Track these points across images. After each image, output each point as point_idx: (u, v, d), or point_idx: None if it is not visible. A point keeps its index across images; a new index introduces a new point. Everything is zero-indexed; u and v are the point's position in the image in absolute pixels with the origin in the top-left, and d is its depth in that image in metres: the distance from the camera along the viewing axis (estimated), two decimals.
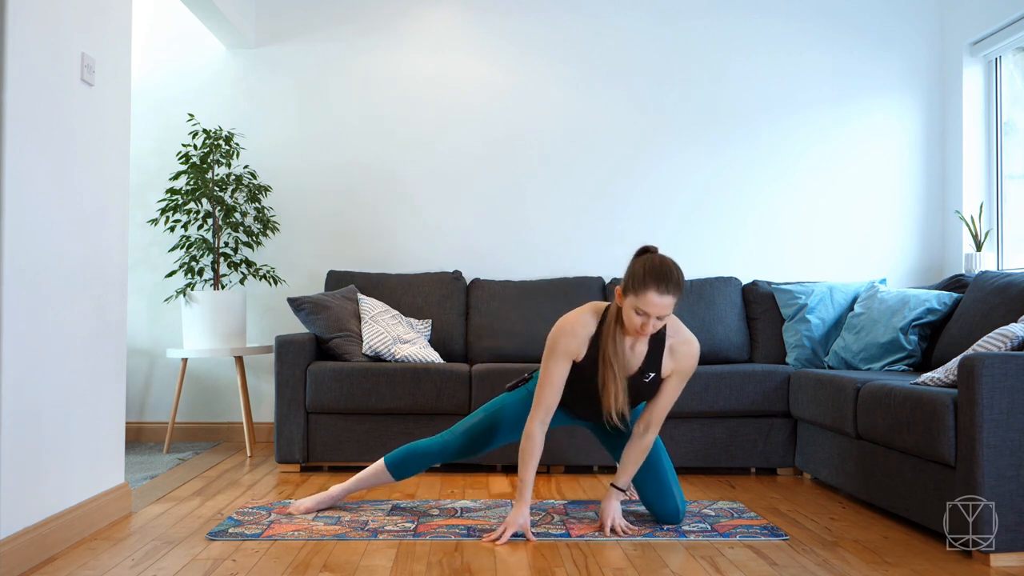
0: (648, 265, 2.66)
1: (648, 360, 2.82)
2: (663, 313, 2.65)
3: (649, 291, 2.62)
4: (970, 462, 2.58)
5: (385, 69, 4.86)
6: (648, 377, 2.83)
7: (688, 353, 2.83)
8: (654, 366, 2.82)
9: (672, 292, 2.64)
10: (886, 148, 4.87)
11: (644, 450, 2.92)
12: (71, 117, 2.73)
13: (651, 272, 2.64)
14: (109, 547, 2.69)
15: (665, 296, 2.63)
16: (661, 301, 2.62)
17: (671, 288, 2.63)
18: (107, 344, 3.00)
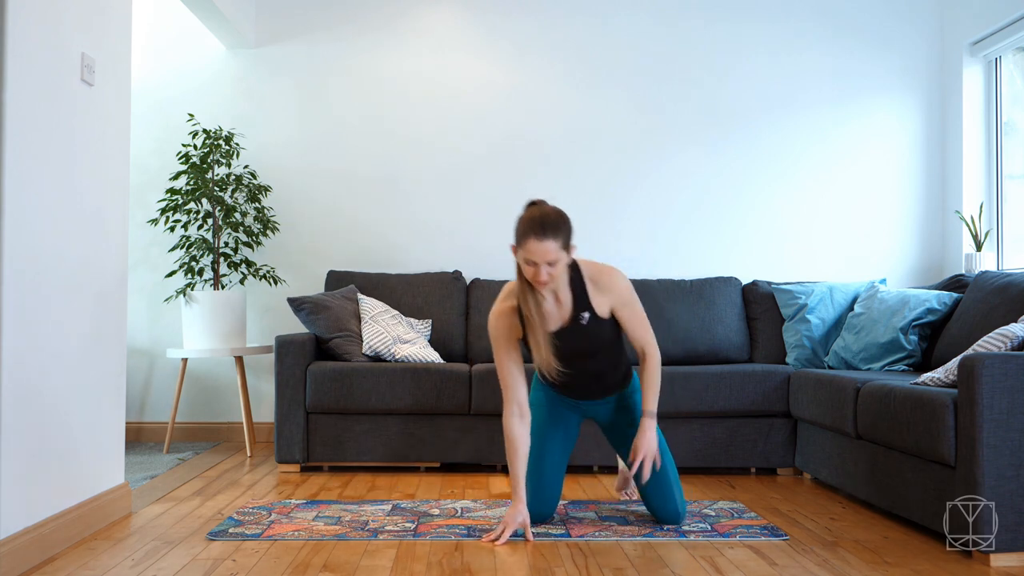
0: (526, 217, 2.74)
1: (576, 304, 2.87)
2: (548, 258, 2.69)
3: (529, 240, 2.70)
4: (970, 462, 2.58)
5: (385, 69, 4.86)
6: (583, 319, 2.86)
7: (611, 281, 2.89)
8: (584, 306, 2.87)
9: (549, 236, 2.69)
10: (886, 148, 4.87)
11: (653, 371, 2.95)
12: (71, 117, 2.74)
13: (528, 223, 2.72)
14: (109, 547, 2.69)
15: (544, 241, 2.68)
16: (541, 246, 2.68)
17: (547, 233, 2.69)
18: (107, 344, 3.00)
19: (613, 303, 2.91)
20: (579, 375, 2.96)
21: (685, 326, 4.36)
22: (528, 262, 2.73)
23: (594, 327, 2.89)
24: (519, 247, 2.75)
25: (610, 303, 2.90)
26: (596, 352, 2.94)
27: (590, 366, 2.95)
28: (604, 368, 2.98)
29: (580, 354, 2.91)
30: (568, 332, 2.88)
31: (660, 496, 2.98)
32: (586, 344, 2.90)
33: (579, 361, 2.93)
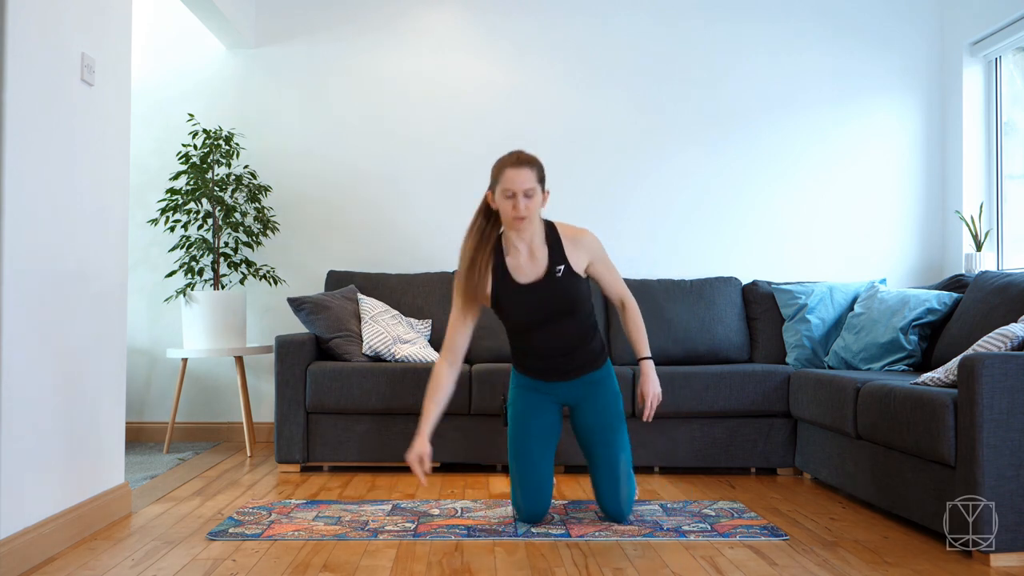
0: (502, 156, 2.91)
1: (552, 258, 2.92)
2: (525, 186, 2.81)
3: (506, 169, 2.83)
4: (970, 462, 2.58)
5: (385, 69, 4.86)
6: (558, 271, 2.91)
7: (586, 240, 2.98)
8: (559, 260, 2.92)
9: (526, 165, 2.83)
10: (886, 148, 4.87)
11: (637, 317, 3.06)
12: (71, 117, 2.74)
13: (504, 157, 2.88)
14: (109, 547, 2.69)
15: (521, 169, 2.82)
16: (519, 174, 2.81)
17: (523, 162, 2.84)
18: (107, 344, 3.00)
19: (590, 258, 2.98)
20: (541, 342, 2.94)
21: (685, 326, 4.36)
22: (507, 193, 2.82)
23: (568, 282, 2.92)
24: (497, 183, 2.85)
25: (586, 258, 2.97)
26: (569, 310, 2.93)
27: (563, 329, 2.93)
28: (575, 335, 2.97)
29: (553, 312, 2.91)
30: (540, 285, 2.90)
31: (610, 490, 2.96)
32: (557, 302, 2.90)
33: (547, 323, 2.92)
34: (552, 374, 3.01)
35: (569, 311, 2.93)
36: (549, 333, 2.94)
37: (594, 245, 2.99)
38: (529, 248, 2.93)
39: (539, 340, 2.96)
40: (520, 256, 2.93)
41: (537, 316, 2.92)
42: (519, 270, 2.93)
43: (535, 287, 2.91)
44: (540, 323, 2.93)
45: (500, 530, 2.90)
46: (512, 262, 2.93)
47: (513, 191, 2.82)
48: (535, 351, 3.00)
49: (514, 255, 2.94)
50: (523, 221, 2.84)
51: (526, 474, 2.98)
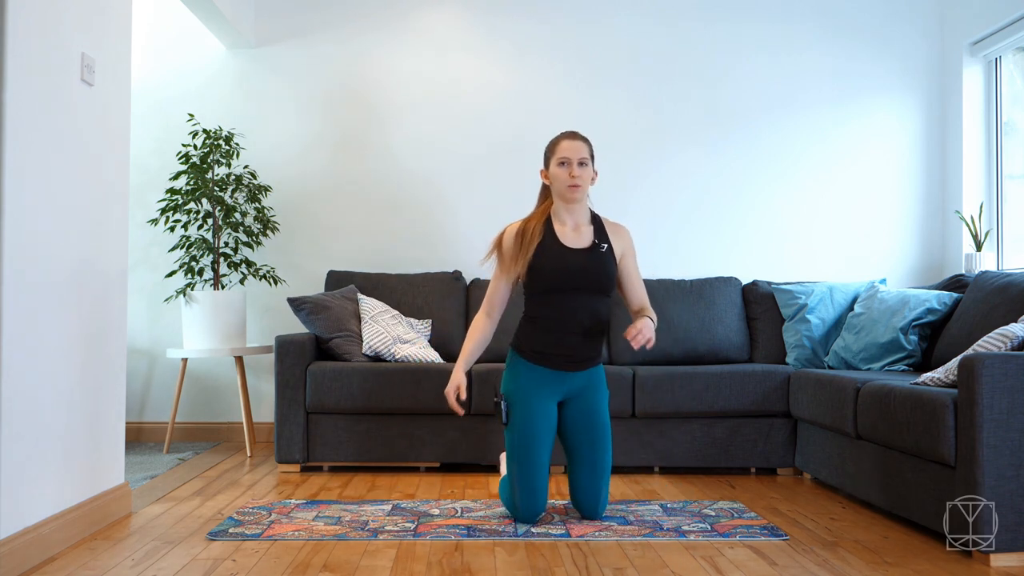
0: (554, 136, 3.13)
1: (597, 235, 3.09)
2: (580, 155, 3.02)
3: (562, 141, 3.05)
4: (970, 462, 2.58)
5: (385, 69, 4.86)
6: (603, 248, 3.06)
7: (626, 232, 3.19)
8: (603, 239, 3.09)
9: (581, 138, 3.07)
10: (886, 148, 4.87)
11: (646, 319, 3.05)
12: (71, 117, 2.74)
13: (558, 135, 3.10)
14: (109, 547, 2.69)
15: (576, 140, 3.05)
16: (574, 144, 3.04)
17: (579, 135, 3.08)
18: (107, 344, 3.00)
19: (623, 250, 3.13)
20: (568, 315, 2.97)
21: (685, 326, 4.36)
22: (563, 162, 3.01)
23: (610, 260, 3.05)
24: (553, 155, 3.05)
25: (621, 249, 3.13)
26: (605, 288, 3.02)
27: (594, 306, 3.00)
28: (600, 318, 3.03)
29: (589, 284, 2.99)
30: (586, 253, 3.03)
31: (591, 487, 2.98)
32: (599, 274, 3.01)
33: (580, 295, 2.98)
34: (561, 361, 2.99)
35: (604, 289, 3.03)
36: (580, 305, 2.99)
37: (630, 240, 3.18)
38: (575, 223, 3.09)
39: (570, 312, 2.98)
40: (566, 228, 3.08)
41: (573, 281, 2.98)
42: (564, 236, 3.06)
43: (579, 252, 3.03)
44: (576, 290, 2.98)
45: (500, 530, 2.90)
46: (559, 228, 3.07)
47: (568, 159, 3.01)
48: (562, 326, 2.98)
49: (561, 224, 3.08)
50: (577, 190, 3.01)
51: (530, 478, 2.96)
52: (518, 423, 2.98)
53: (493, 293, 3.14)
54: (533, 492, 2.96)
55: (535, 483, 2.96)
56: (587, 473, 3.00)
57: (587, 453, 3.00)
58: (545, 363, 3.00)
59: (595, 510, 3.02)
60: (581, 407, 3.03)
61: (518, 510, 2.98)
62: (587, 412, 3.02)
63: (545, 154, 3.11)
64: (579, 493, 3.02)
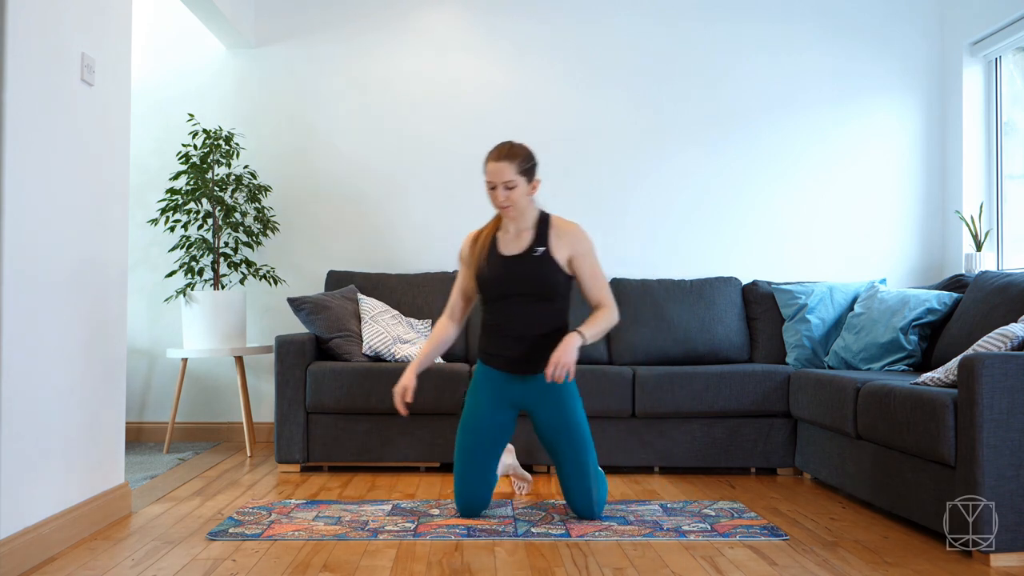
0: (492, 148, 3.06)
1: (535, 240, 3.06)
2: (502, 178, 2.98)
3: (487, 164, 3.02)
4: (970, 462, 2.58)
5: (385, 69, 4.86)
6: (537, 252, 3.04)
7: (574, 232, 3.09)
8: (541, 243, 3.06)
9: (503, 159, 2.99)
10: (886, 148, 4.87)
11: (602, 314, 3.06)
12: (71, 117, 2.74)
13: (490, 151, 3.04)
14: (109, 547, 2.69)
15: (499, 162, 2.99)
16: (496, 167, 2.99)
17: (502, 156, 3.00)
18: (107, 344, 3.00)
19: (572, 252, 3.07)
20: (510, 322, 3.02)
21: (685, 326, 4.36)
22: (488, 186, 3.01)
23: (544, 265, 3.03)
24: (484, 175, 3.03)
25: (568, 251, 3.07)
26: (541, 294, 3.02)
27: (533, 312, 3.02)
28: (544, 323, 3.03)
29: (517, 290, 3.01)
30: (517, 259, 3.04)
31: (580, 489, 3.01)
32: (528, 278, 3.01)
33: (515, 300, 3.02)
34: (514, 363, 3.05)
35: (541, 295, 3.03)
36: (516, 311, 3.03)
37: (582, 241, 3.09)
38: (517, 230, 3.10)
39: (507, 316, 3.05)
40: (509, 235, 3.11)
41: (509, 288, 3.03)
42: (504, 244, 3.10)
43: (513, 260, 3.05)
44: (511, 297, 3.03)
45: (500, 530, 2.90)
46: (501, 235, 3.12)
47: (493, 183, 3.00)
48: (502, 331, 3.06)
49: (504, 231, 3.13)
50: (508, 210, 3.03)
51: (467, 471, 3.06)
52: (462, 420, 3.11)
53: (454, 301, 3.23)
54: (467, 486, 3.05)
55: (469, 477, 3.05)
56: (573, 476, 3.02)
57: (569, 456, 3.02)
58: (502, 366, 3.08)
59: (590, 510, 3.03)
60: (550, 412, 3.04)
61: (456, 502, 3.09)
62: (557, 416, 3.03)
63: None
64: (570, 496, 3.05)
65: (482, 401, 3.09)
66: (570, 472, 3.02)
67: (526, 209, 3.06)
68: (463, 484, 3.06)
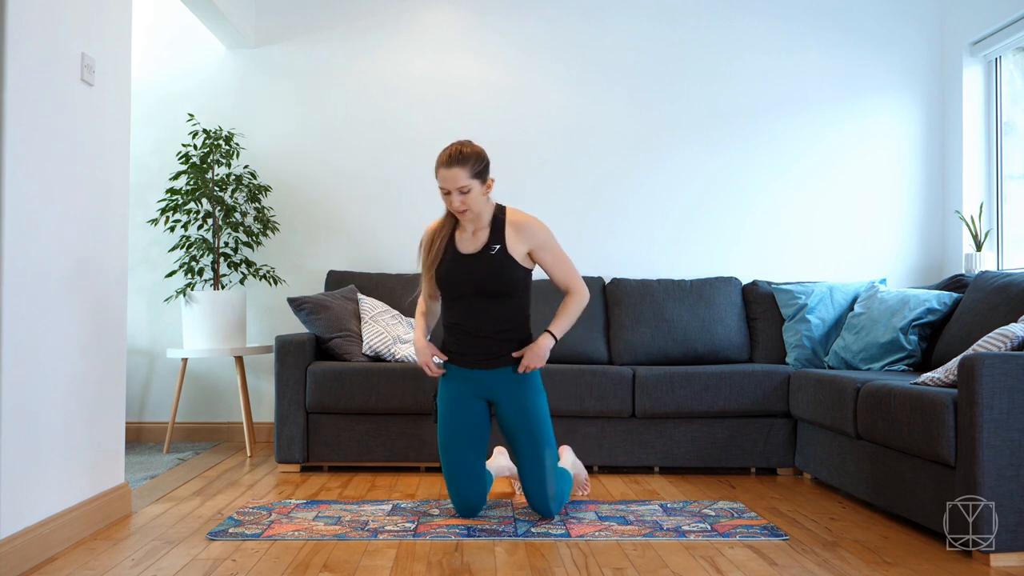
0: (442, 151, 3.01)
1: (491, 238, 3.05)
2: (456, 184, 2.94)
3: (439, 170, 2.97)
4: (970, 462, 2.58)
5: (385, 69, 4.86)
6: (493, 250, 3.03)
7: (531, 227, 3.07)
8: (497, 240, 3.04)
9: (456, 165, 2.94)
10: (886, 148, 4.87)
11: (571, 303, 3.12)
12: (71, 117, 2.73)
13: (440, 156, 2.99)
14: (109, 547, 2.69)
15: (451, 168, 2.94)
16: (448, 173, 2.94)
17: (453, 162, 2.95)
18: (107, 344, 3.00)
19: (531, 246, 3.06)
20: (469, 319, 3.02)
21: (685, 326, 4.36)
22: (443, 190, 2.98)
23: (501, 263, 3.01)
24: (438, 180, 2.99)
25: (527, 246, 3.06)
26: (499, 291, 3.01)
27: (491, 308, 3.02)
28: (503, 319, 3.03)
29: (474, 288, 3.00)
30: (473, 258, 3.03)
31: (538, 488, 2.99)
32: (484, 277, 3.00)
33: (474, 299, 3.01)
34: (475, 359, 3.05)
35: (498, 291, 3.02)
36: (475, 309, 3.03)
37: (539, 233, 3.07)
38: (474, 228, 3.08)
39: (467, 315, 3.04)
40: (466, 233, 3.09)
41: (468, 287, 3.02)
42: (461, 241, 3.08)
43: (470, 258, 3.04)
44: (470, 295, 3.02)
45: (500, 530, 2.90)
46: (459, 233, 3.10)
47: (447, 189, 2.97)
48: (461, 328, 3.06)
49: (461, 231, 3.10)
50: (464, 215, 3.01)
51: (455, 470, 3.05)
52: (439, 419, 3.10)
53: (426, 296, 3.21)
54: (460, 486, 3.04)
55: (459, 476, 3.04)
56: (530, 471, 3.00)
57: (526, 450, 3.01)
58: (463, 362, 3.08)
59: (546, 507, 3.00)
60: (511, 405, 3.04)
61: (454, 504, 3.08)
62: (520, 409, 3.03)
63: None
64: (528, 493, 3.03)
65: (453, 399, 3.08)
66: (526, 465, 3.01)
67: (482, 210, 3.03)
68: (455, 485, 3.05)
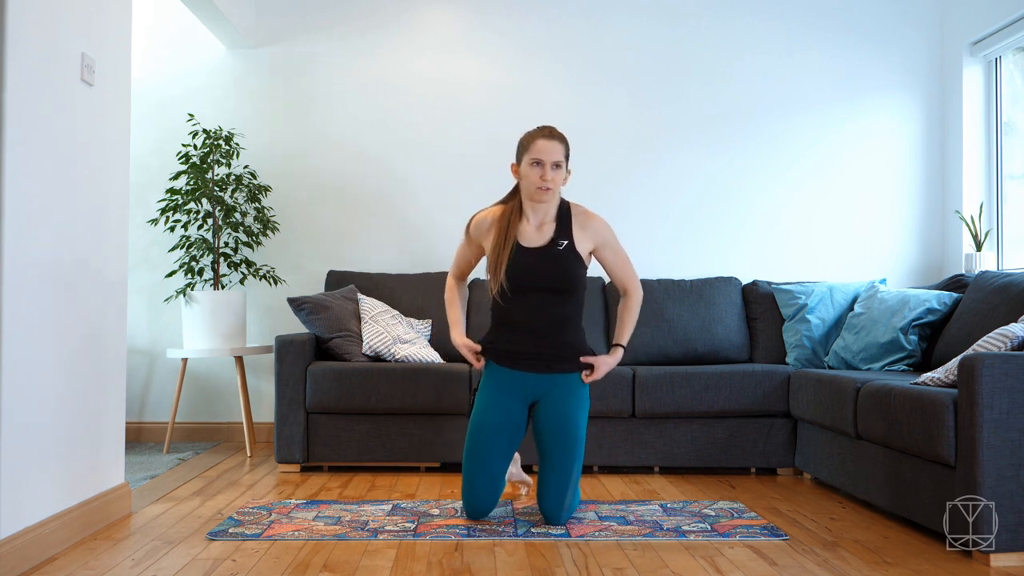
0: (529, 130, 3.03)
1: (558, 233, 3.00)
2: (555, 157, 2.94)
3: (537, 140, 2.96)
4: (970, 462, 2.58)
5: (385, 69, 4.86)
6: (561, 245, 2.99)
7: (596, 224, 3.07)
8: (564, 236, 3.00)
9: (558, 138, 2.97)
10: (886, 148, 4.87)
11: (632, 307, 3.14)
12: (71, 117, 2.73)
13: (536, 129, 3.00)
14: (109, 547, 2.69)
15: (552, 140, 2.96)
16: (550, 144, 2.94)
17: (556, 135, 2.98)
18: (107, 344, 3.00)
19: (596, 243, 3.06)
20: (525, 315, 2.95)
21: (685, 326, 4.36)
22: (535, 162, 2.93)
23: (568, 258, 2.97)
24: (526, 152, 2.95)
25: (592, 243, 3.05)
26: (562, 287, 2.95)
27: (550, 305, 2.95)
28: (560, 317, 2.97)
29: (539, 284, 2.94)
30: (540, 252, 2.97)
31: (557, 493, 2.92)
32: (552, 273, 2.94)
33: (536, 295, 2.95)
34: (525, 359, 2.97)
35: (561, 288, 2.97)
36: (536, 305, 2.96)
37: (604, 231, 3.07)
38: (540, 221, 3.02)
39: (524, 311, 2.97)
40: (530, 225, 3.02)
41: (532, 282, 2.95)
42: (524, 235, 3.01)
43: (536, 252, 2.97)
44: (532, 290, 2.95)
45: (500, 530, 2.90)
46: (522, 226, 3.02)
47: (542, 160, 2.93)
48: (516, 324, 2.98)
49: (524, 223, 3.03)
50: (547, 192, 2.95)
51: (476, 472, 2.97)
52: (473, 421, 3.01)
53: (458, 263, 3.20)
54: (473, 489, 2.97)
55: (480, 479, 2.97)
56: (555, 479, 2.94)
57: (557, 458, 2.94)
58: (508, 363, 3.00)
59: (558, 515, 2.95)
60: (553, 410, 2.97)
61: (464, 505, 3.02)
62: (559, 415, 2.96)
63: (518, 149, 3.01)
64: (544, 497, 2.96)
65: (493, 400, 2.98)
66: (554, 475, 2.93)
67: (555, 197, 3.00)
68: (472, 487, 2.97)
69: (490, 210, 3.10)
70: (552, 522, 2.96)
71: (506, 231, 2.98)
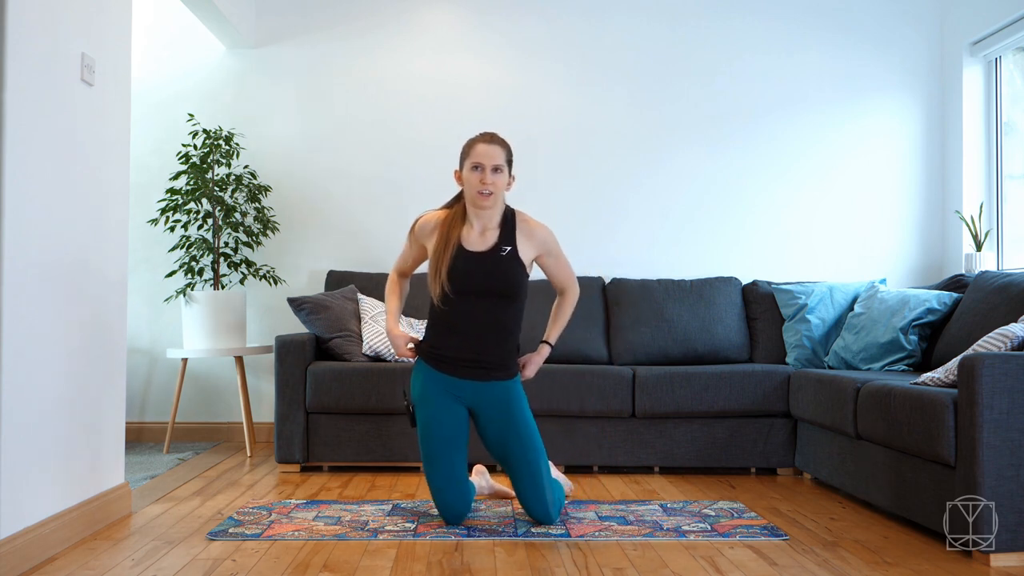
0: (472, 136, 3.03)
1: (501, 239, 2.98)
2: (495, 161, 2.93)
3: (477, 145, 2.96)
4: (970, 462, 2.58)
5: (385, 69, 4.86)
6: (504, 251, 2.97)
7: (541, 233, 3.04)
8: (508, 242, 2.98)
9: (498, 143, 2.97)
10: (886, 148, 4.87)
11: (566, 306, 3.16)
12: (71, 117, 2.73)
13: (475, 136, 3.01)
14: (109, 547, 2.69)
15: (492, 144, 2.96)
16: (489, 148, 2.94)
17: (496, 139, 2.98)
18: (107, 344, 3.00)
19: (540, 251, 3.04)
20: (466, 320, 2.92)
21: (685, 326, 4.36)
22: (476, 166, 2.93)
23: (511, 264, 2.95)
24: (467, 157, 2.96)
25: (536, 251, 3.03)
26: (504, 293, 2.93)
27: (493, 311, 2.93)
28: (502, 323, 2.95)
29: (481, 288, 2.91)
30: (483, 257, 2.94)
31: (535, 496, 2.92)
32: (495, 277, 2.92)
33: (475, 299, 2.91)
34: (464, 367, 2.94)
35: (504, 293, 2.94)
36: (477, 310, 2.93)
37: (548, 240, 3.05)
38: (483, 227, 2.99)
39: (465, 316, 2.93)
40: (473, 231, 2.99)
41: (473, 287, 2.91)
42: (468, 240, 2.98)
43: (479, 257, 2.94)
44: (473, 295, 2.92)
45: (500, 530, 2.90)
46: (465, 231, 2.99)
47: (482, 164, 2.92)
48: (456, 329, 2.94)
49: (468, 228, 3.00)
50: (488, 198, 2.93)
51: (441, 477, 2.94)
52: (423, 433, 2.97)
53: (402, 264, 3.18)
54: (445, 493, 2.94)
55: (444, 484, 2.94)
56: (529, 483, 2.93)
57: (520, 460, 2.93)
58: (447, 369, 2.96)
59: (547, 514, 2.94)
60: (500, 419, 2.95)
61: (440, 511, 2.98)
62: (507, 423, 2.94)
63: (460, 155, 3.01)
64: (527, 503, 2.95)
65: (434, 404, 2.95)
66: (523, 476, 2.92)
67: (499, 202, 2.96)
68: (442, 492, 2.94)
69: (435, 213, 3.07)
70: (545, 523, 2.96)
71: (447, 234, 2.96)
